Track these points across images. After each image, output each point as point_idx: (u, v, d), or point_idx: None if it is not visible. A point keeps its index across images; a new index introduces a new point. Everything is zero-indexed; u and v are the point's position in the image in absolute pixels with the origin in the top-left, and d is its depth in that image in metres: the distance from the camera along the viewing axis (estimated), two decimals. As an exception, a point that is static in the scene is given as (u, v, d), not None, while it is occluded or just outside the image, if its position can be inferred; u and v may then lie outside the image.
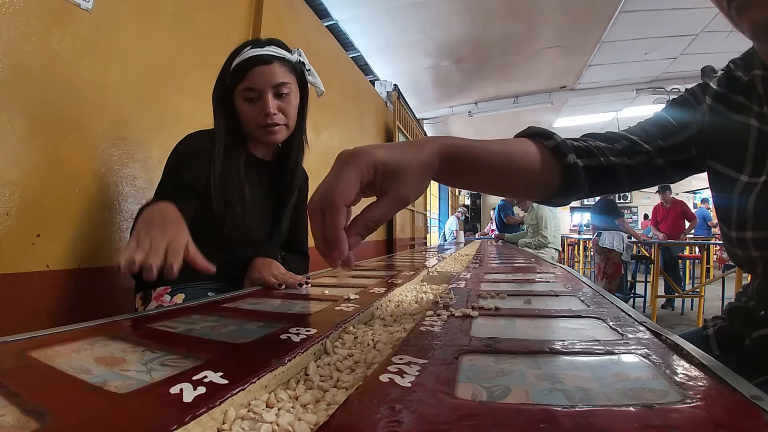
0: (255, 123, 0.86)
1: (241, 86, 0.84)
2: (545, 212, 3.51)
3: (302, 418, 0.26)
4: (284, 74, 0.85)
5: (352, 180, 0.35)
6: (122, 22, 1.02)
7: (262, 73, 0.83)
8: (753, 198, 0.49)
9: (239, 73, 0.84)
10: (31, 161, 0.82)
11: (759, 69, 0.50)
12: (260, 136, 0.88)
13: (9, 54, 0.78)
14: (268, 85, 0.83)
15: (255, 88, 0.83)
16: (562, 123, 5.45)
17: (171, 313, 0.56)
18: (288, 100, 0.87)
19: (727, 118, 0.53)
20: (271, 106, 0.83)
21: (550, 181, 0.51)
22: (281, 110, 0.86)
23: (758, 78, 0.50)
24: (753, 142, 0.50)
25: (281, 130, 0.88)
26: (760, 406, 0.24)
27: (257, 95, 0.84)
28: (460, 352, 0.37)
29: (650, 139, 0.57)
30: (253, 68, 0.83)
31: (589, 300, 0.62)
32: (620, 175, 0.55)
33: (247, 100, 0.85)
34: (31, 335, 0.43)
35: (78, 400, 0.27)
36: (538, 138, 0.51)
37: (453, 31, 2.90)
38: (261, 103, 0.84)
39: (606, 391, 0.28)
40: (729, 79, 0.55)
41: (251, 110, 0.85)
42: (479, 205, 11.51)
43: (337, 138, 2.39)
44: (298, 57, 0.90)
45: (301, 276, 0.80)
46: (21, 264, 0.81)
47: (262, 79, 0.83)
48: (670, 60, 3.56)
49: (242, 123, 0.88)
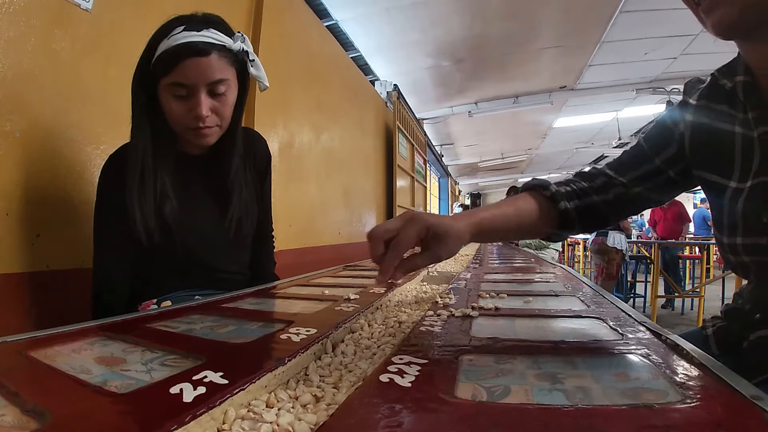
0: (183, 123, 0.72)
1: (168, 79, 0.69)
2: None
3: (302, 418, 0.26)
4: (222, 68, 0.71)
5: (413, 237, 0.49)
6: (122, 22, 1.02)
7: (197, 66, 0.68)
8: (741, 204, 0.50)
9: (167, 63, 0.68)
10: (31, 161, 0.82)
11: (741, 75, 0.51)
12: (189, 138, 0.75)
13: (9, 54, 0.78)
14: (202, 82, 0.69)
15: (185, 84, 0.69)
16: (562, 123, 5.44)
17: (171, 313, 0.56)
18: (224, 100, 0.73)
19: (712, 128, 0.55)
20: (203, 107, 0.70)
21: (550, 224, 0.61)
22: (215, 110, 0.72)
23: (740, 84, 0.51)
24: (739, 148, 0.52)
25: (213, 133, 0.75)
26: (760, 406, 0.24)
27: (187, 92, 0.70)
28: (460, 352, 0.37)
29: (625, 171, 0.63)
30: (185, 59, 0.67)
31: (589, 300, 0.62)
32: (602, 210, 0.62)
33: (176, 96, 0.70)
34: (31, 335, 0.43)
35: (78, 400, 0.27)
36: (538, 189, 0.62)
37: (453, 31, 2.90)
38: (191, 102, 0.70)
39: (606, 391, 0.28)
40: (712, 89, 0.57)
41: (179, 109, 0.70)
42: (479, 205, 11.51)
43: (338, 138, 2.39)
44: (241, 44, 0.73)
45: None
46: (21, 264, 0.81)
47: (195, 74, 0.68)
48: (670, 60, 3.56)
49: (168, 121, 0.74)
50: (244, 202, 0.85)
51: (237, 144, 0.83)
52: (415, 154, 4.05)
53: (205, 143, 0.77)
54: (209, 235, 0.83)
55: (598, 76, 3.86)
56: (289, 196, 1.78)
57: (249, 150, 0.89)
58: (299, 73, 1.90)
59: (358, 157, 2.80)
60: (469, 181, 10.27)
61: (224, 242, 0.84)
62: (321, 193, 2.15)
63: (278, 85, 1.64)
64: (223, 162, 0.83)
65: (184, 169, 0.81)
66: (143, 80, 0.73)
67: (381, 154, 3.32)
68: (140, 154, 0.73)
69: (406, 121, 3.62)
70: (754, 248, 0.50)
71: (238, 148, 0.84)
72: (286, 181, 1.77)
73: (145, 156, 0.73)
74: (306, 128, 1.98)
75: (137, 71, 0.74)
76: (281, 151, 1.73)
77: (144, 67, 0.73)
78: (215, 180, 0.83)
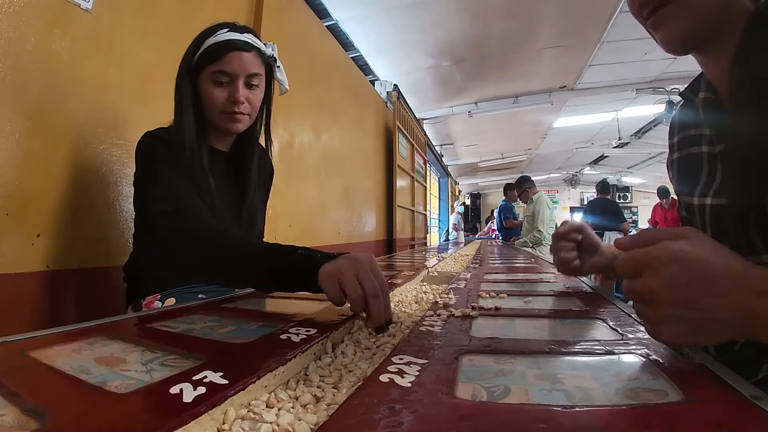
0: (219, 108, 0.81)
1: (213, 68, 0.79)
2: (543, 208, 3.51)
3: (302, 418, 0.26)
4: (258, 66, 0.83)
5: None
6: (122, 22, 1.02)
7: (239, 58, 0.79)
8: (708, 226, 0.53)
9: (214, 54, 0.79)
10: (31, 161, 0.82)
11: (703, 91, 0.52)
12: (222, 123, 0.83)
13: (9, 54, 0.78)
14: (243, 73, 0.80)
15: (228, 72, 0.79)
16: (562, 123, 5.44)
17: (171, 313, 0.56)
18: (256, 92, 0.84)
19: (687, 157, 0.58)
20: (241, 93, 0.80)
21: None
22: (248, 100, 0.82)
23: (700, 102, 0.53)
24: (705, 166, 0.54)
25: (244, 120, 0.84)
26: (760, 406, 0.24)
27: (229, 80, 0.80)
28: (460, 352, 0.37)
29: None
30: (231, 52, 0.79)
31: (589, 300, 0.62)
32: None
33: (216, 83, 0.80)
34: (31, 335, 0.43)
35: (78, 400, 0.27)
36: None
37: (453, 31, 2.90)
38: (231, 88, 0.80)
39: (606, 391, 0.28)
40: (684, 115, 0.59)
41: (219, 94, 0.80)
42: (479, 205, 11.51)
43: (338, 138, 2.39)
44: (272, 51, 0.87)
45: None
46: (21, 264, 0.81)
47: (238, 65, 0.79)
48: (670, 60, 3.55)
49: (204, 107, 0.82)
50: (255, 201, 0.94)
51: (256, 138, 0.93)
52: (415, 154, 4.05)
53: (236, 129, 0.85)
54: (231, 221, 0.89)
55: (598, 76, 3.86)
56: (289, 196, 1.78)
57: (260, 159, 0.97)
58: (299, 73, 1.90)
59: (358, 157, 2.80)
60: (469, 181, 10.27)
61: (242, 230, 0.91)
62: (321, 193, 2.15)
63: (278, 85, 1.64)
64: (244, 160, 0.92)
65: (213, 162, 0.86)
66: (190, 70, 0.81)
67: (381, 154, 3.32)
68: (188, 133, 0.79)
69: (406, 121, 3.61)
70: None
71: (257, 149, 0.94)
72: (287, 181, 1.77)
73: (192, 135, 0.80)
74: (306, 128, 1.98)
75: (183, 62, 0.82)
76: (281, 151, 1.73)
77: (189, 59, 0.81)
78: (235, 176, 0.92)
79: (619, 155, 7.43)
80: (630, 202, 10.76)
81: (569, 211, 11.40)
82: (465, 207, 8.19)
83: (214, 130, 0.86)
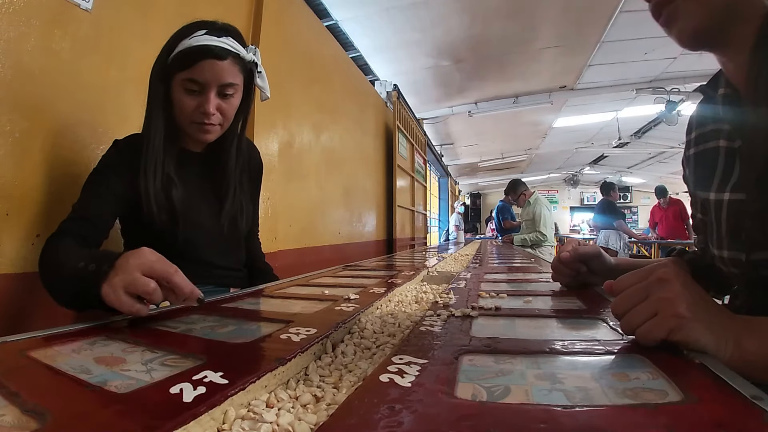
0: (189, 118, 0.78)
1: (183, 75, 0.74)
2: (542, 210, 3.51)
3: (302, 418, 0.26)
4: (234, 74, 0.77)
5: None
6: (122, 22, 1.02)
7: (212, 67, 0.74)
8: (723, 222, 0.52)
9: (185, 60, 0.74)
10: (31, 161, 0.82)
11: (722, 87, 0.52)
12: (191, 132, 0.80)
13: (9, 54, 0.78)
14: (215, 83, 0.75)
15: (200, 82, 0.74)
16: (562, 123, 5.44)
17: (171, 313, 0.56)
18: (230, 102, 0.79)
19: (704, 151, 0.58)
20: (211, 105, 0.75)
21: None
22: (220, 110, 0.78)
23: (720, 98, 0.53)
24: (722, 160, 0.54)
25: (215, 131, 0.80)
26: (760, 406, 0.24)
27: (200, 89, 0.75)
28: (460, 352, 0.37)
29: None
30: (204, 60, 0.73)
31: (589, 300, 0.62)
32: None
33: (187, 91, 0.76)
34: (31, 335, 0.43)
35: (78, 400, 0.27)
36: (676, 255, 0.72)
37: (453, 31, 2.90)
38: (201, 98, 0.76)
39: (606, 391, 0.28)
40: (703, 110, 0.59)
41: (189, 103, 0.76)
42: (479, 205, 11.51)
43: (338, 138, 2.39)
44: (253, 56, 0.80)
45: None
46: (21, 264, 0.81)
47: (209, 75, 0.74)
48: (670, 60, 3.55)
49: (174, 113, 0.79)
50: (239, 201, 0.90)
51: (235, 146, 0.88)
52: (415, 154, 4.05)
53: (205, 139, 0.81)
54: (208, 229, 0.85)
55: (598, 76, 3.86)
56: (289, 196, 1.78)
57: (246, 157, 0.94)
58: (299, 73, 1.90)
59: (358, 157, 2.80)
60: (469, 181, 10.27)
61: (221, 238, 0.87)
62: (321, 193, 2.15)
63: (278, 85, 1.63)
64: (222, 162, 0.88)
65: (185, 164, 0.84)
66: (162, 73, 0.77)
67: (381, 154, 3.32)
68: (153, 138, 0.77)
69: (406, 121, 3.61)
70: (739, 262, 0.52)
71: (239, 151, 0.89)
72: (286, 181, 1.76)
73: (157, 141, 0.77)
74: (306, 128, 1.98)
75: (157, 64, 0.79)
76: (281, 151, 1.73)
77: (163, 61, 0.77)
78: (213, 178, 0.88)
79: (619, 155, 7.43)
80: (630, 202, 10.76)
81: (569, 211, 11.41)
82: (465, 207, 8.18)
83: (185, 134, 0.83)
